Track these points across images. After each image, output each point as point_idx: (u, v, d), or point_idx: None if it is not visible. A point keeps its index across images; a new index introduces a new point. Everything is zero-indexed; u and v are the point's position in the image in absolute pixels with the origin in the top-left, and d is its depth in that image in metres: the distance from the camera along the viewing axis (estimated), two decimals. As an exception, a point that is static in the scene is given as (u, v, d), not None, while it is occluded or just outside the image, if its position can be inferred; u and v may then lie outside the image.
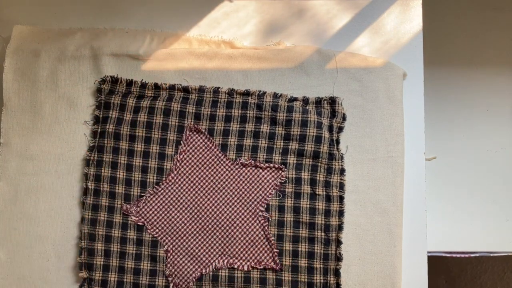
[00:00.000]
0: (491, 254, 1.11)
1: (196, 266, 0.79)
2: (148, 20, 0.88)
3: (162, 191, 0.81)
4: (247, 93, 0.82)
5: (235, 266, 0.79)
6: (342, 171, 0.81)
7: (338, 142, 0.82)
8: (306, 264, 0.79)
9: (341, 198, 0.80)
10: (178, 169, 0.81)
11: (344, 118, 0.82)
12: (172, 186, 0.81)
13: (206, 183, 0.81)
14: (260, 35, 0.88)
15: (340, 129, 0.82)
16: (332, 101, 0.82)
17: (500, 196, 1.19)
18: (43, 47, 0.84)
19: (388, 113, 0.83)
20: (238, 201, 0.80)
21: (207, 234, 0.80)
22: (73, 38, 0.85)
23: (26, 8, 0.89)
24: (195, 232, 0.80)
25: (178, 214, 0.80)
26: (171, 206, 0.80)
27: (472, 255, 1.09)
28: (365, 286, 0.80)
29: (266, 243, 0.79)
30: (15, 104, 0.83)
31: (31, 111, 0.83)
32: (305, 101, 0.83)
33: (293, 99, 0.83)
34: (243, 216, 0.80)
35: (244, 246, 0.79)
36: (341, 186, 0.81)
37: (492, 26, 1.24)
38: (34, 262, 0.80)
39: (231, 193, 0.80)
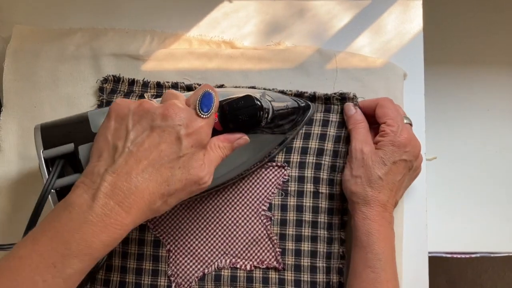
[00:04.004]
0: (492, 255, 1.11)
1: (199, 266, 0.78)
2: (148, 20, 0.88)
3: (163, 191, 0.80)
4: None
5: (238, 266, 0.78)
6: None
7: (348, 137, 0.81)
8: (309, 263, 0.79)
9: (344, 197, 0.80)
10: (179, 169, 0.81)
11: None
12: (174, 186, 0.80)
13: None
14: (260, 35, 0.88)
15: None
16: (342, 97, 0.82)
17: (501, 196, 1.19)
18: (43, 47, 0.84)
19: (389, 113, 0.83)
20: (240, 200, 0.80)
21: (210, 234, 0.79)
22: (73, 38, 0.85)
23: (26, 8, 0.89)
24: (197, 231, 0.79)
25: (180, 213, 0.80)
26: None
27: (472, 255, 1.09)
28: (367, 286, 0.80)
29: (269, 242, 0.79)
30: (15, 104, 0.82)
31: (31, 111, 0.82)
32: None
33: (299, 95, 0.82)
34: (245, 216, 0.79)
35: (247, 246, 0.79)
36: None
37: (493, 26, 1.25)
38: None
39: (233, 192, 0.80)
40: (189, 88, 0.82)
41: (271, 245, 0.79)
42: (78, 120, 0.67)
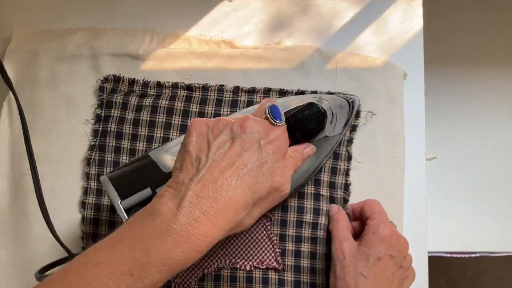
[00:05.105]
0: (491, 254, 1.11)
1: (198, 266, 0.78)
2: (148, 20, 0.88)
3: (163, 191, 0.80)
4: (252, 91, 0.82)
5: (237, 266, 0.78)
6: (347, 172, 0.80)
7: (351, 141, 0.81)
8: (309, 264, 0.78)
9: (345, 200, 0.80)
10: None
11: (358, 116, 0.82)
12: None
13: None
14: (260, 34, 0.88)
15: (354, 128, 0.82)
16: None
17: (501, 196, 1.19)
18: (43, 47, 0.84)
19: (389, 113, 0.83)
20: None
21: (209, 234, 0.79)
22: (73, 38, 0.85)
23: (26, 8, 0.88)
24: (196, 232, 0.79)
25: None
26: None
27: (472, 255, 1.09)
28: (367, 286, 0.80)
29: (269, 242, 0.79)
30: (14, 104, 0.82)
31: (31, 111, 0.82)
32: None
33: (300, 93, 0.82)
34: (245, 216, 0.79)
35: (247, 246, 0.79)
36: (346, 187, 0.80)
37: (493, 25, 1.25)
38: (35, 262, 0.80)
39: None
40: (189, 88, 0.82)
41: (271, 246, 0.79)
42: (145, 164, 0.68)
